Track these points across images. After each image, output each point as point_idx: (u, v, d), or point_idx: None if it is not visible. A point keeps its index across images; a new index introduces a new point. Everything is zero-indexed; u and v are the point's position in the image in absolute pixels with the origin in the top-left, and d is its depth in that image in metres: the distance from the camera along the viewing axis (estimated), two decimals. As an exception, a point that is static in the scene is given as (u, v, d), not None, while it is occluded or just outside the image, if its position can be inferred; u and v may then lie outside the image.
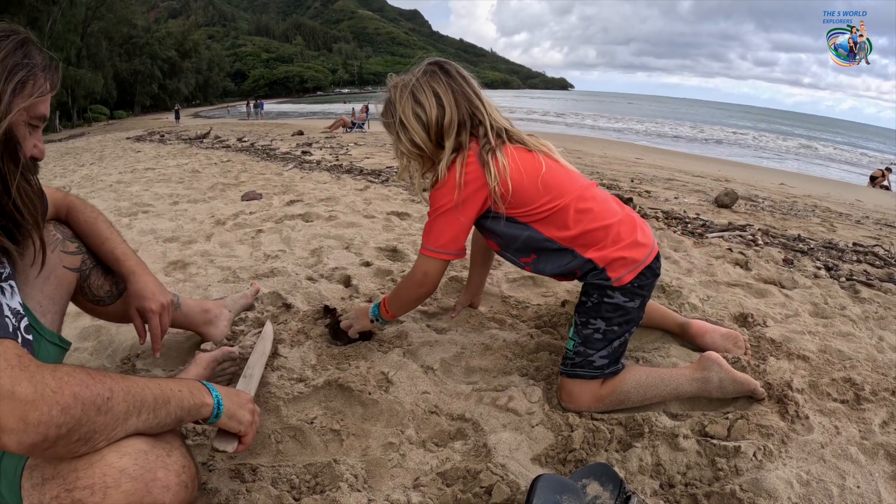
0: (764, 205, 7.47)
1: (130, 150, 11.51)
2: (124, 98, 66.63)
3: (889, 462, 1.78)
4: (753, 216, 6.01)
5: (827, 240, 5.04)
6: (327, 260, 3.31)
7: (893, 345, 2.72)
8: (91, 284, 1.89)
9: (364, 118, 22.44)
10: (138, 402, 1.17)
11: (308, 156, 9.02)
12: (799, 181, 17.03)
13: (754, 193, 9.06)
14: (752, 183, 12.19)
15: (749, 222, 5.39)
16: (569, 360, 1.99)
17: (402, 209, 4.67)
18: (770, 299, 3.14)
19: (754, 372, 2.18)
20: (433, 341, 2.33)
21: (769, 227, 5.28)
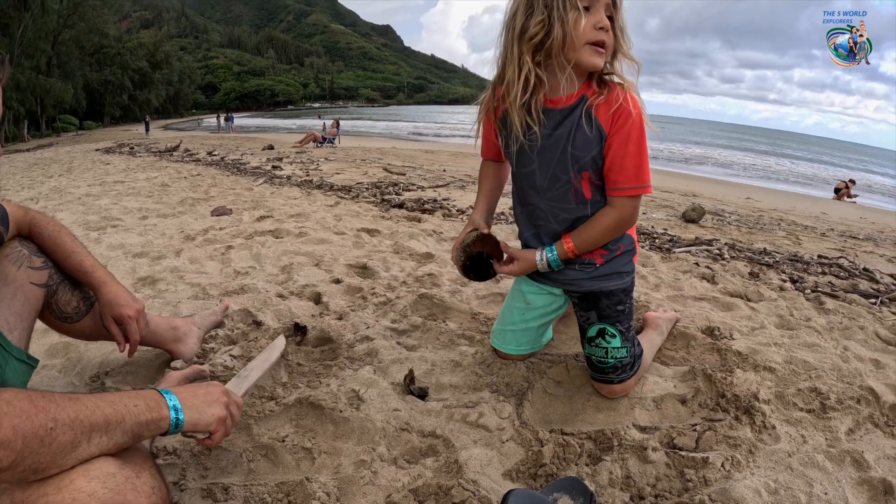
0: (730, 219, 7.56)
1: (100, 162, 11.41)
2: (94, 108, 66.18)
3: (856, 468, 1.81)
4: (720, 230, 6.08)
5: (792, 253, 5.10)
6: (297, 277, 3.30)
7: (858, 354, 2.77)
8: (58, 301, 1.89)
9: (335, 133, 22.45)
10: (87, 427, 1.13)
11: (278, 171, 9.01)
12: (765, 195, 17.25)
13: (721, 208, 9.17)
14: (719, 198, 12.34)
15: (716, 237, 5.44)
16: (625, 365, 2.08)
17: (372, 226, 4.68)
18: (736, 312, 3.18)
19: (722, 384, 2.20)
20: (403, 358, 2.33)
21: (735, 241, 5.34)
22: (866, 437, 2.04)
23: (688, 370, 2.33)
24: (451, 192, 7.35)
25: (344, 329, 2.56)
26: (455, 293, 3.08)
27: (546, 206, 2.05)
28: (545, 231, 2.11)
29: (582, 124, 1.89)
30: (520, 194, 2.16)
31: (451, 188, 7.84)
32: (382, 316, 2.75)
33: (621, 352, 2.06)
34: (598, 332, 2.08)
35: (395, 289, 3.12)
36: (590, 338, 2.10)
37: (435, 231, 4.57)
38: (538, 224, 2.12)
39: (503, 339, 2.32)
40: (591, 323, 2.10)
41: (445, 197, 6.82)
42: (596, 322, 2.09)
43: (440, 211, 5.58)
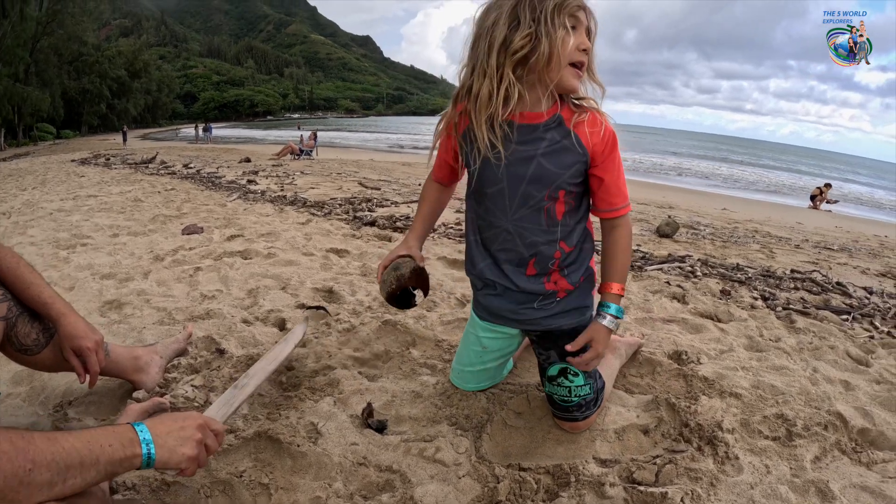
0: (705, 233, 7.59)
1: (74, 174, 11.30)
2: (72, 117, 65.65)
3: (820, 499, 1.80)
4: (694, 245, 6.10)
5: (765, 267, 5.12)
6: (263, 301, 3.27)
7: (828, 376, 2.77)
8: (17, 333, 1.87)
9: (312, 145, 22.39)
10: (63, 468, 1.17)
11: (253, 185, 8.96)
12: (741, 205, 17.39)
13: (696, 220, 9.21)
14: (695, 209, 12.41)
15: (689, 252, 5.46)
16: (589, 402, 2.06)
17: (342, 245, 4.65)
18: (705, 335, 3.17)
19: (685, 413, 2.19)
20: (364, 389, 2.31)
21: (709, 257, 5.35)
22: (832, 465, 2.03)
23: (651, 399, 2.32)
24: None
25: (306, 358, 2.53)
26: (420, 319, 3.06)
27: (514, 228, 1.98)
28: (507, 258, 2.03)
29: (562, 141, 1.86)
30: (480, 218, 2.04)
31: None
32: (345, 344, 2.72)
33: (584, 389, 2.03)
34: (559, 371, 2.04)
35: (360, 314, 3.09)
36: (551, 377, 2.06)
37: (404, 252, 4.51)
38: (501, 250, 2.03)
39: (463, 379, 2.30)
40: (551, 362, 2.06)
41: (419, 213, 6.74)
42: (557, 361, 2.05)
43: (411, 229, 5.53)
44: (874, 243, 10.03)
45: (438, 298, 3.42)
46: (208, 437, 1.48)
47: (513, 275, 2.02)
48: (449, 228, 5.76)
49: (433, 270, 4.06)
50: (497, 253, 2.04)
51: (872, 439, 2.24)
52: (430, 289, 2.16)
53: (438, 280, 3.83)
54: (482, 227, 2.05)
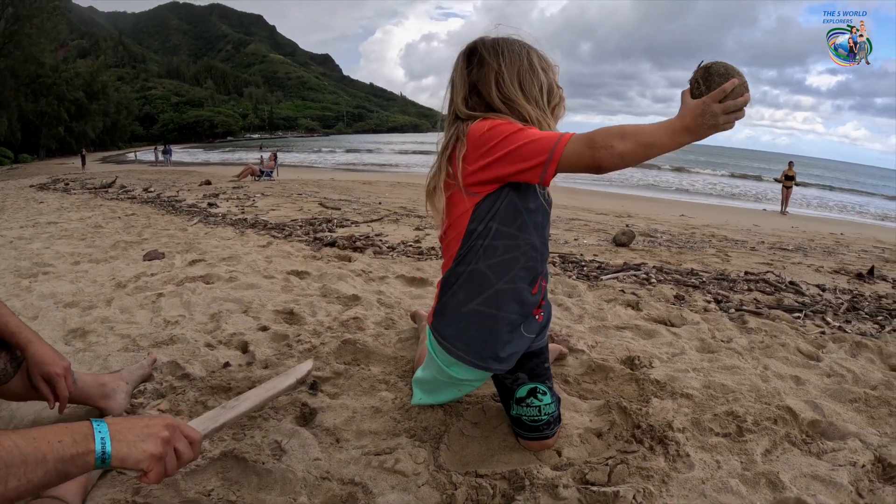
0: (662, 240, 7.69)
1: (33, 200, 11.14)
2: (29, 141, 64.30)
3: (771, 490, 1.86)
4: (650, 253, 6.18)
5: (720, 271, 5.21)
6: (226, 325, 3.28)
7: (778, 373, 2.84)
8: None
9: (273, 166, 22.21)
10: (2, 467, 1.07)
11: (214, 208, 8.93)
12: (699, 211, 17.59)
13: (654, 228, 9.30)
14: (653, 217, 12.53)
15: (645, 260, 5.53)
16: (556, 418, 2.12)
17: (302, 267, 4.67)
18: (658, 339, 3.25)
19: (637, 415, 2.26)
20: (325, 406, 2.35)
21: (664, 264, 5.42)
22: (783, 457, 2.09)
23: (603, 404, 2.38)
24: (385, 227, 7.37)
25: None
26: (378, 337, 3.10)
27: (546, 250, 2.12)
28: (541, 290, 2.12)
29: None
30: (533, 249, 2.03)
31: (384, 222, 7.85)
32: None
33: (552, 407, 2.08)
34: (528, 392, 2.09)
35: (321, 334, 3.13)
36: (519, 398, 2.09)
37: (364, 271, 4.58)
38: (543, 273, 2.12)
39: (435, 400, 2.32)
40: (520, 384, 2.11)
41: (378, 232, 6.84)
42: (527, 382, 2.10)
43: (371, 248, 5.59)
44: (829, 241, 10.23)
45: (396, 316, 3.46)
46: (178, 440, 1.38)
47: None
48: (408, 246, 5.82)
49: (391, 289, 4.11)
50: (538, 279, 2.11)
51: (822, 430, 2.31)
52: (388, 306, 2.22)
53: (397, 298, 3.86)
54: (525, 266, 2.03)
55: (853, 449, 2.14)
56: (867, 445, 2.17)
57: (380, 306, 3.63)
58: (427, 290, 4.15)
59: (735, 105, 1.64)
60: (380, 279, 4.37)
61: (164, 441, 1.34)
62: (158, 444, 1.32)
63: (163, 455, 1.32)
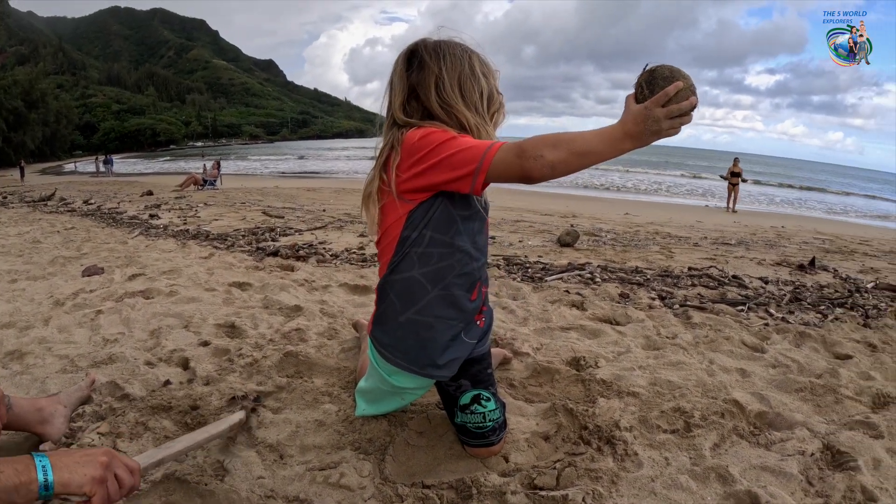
0: (606, 239, 7.75)
1: (-32, 215, 10.86)
2: (-35, 153, 62.93)
3: (721, 484, 1.87)
4: (595, 252, 6.22)
5: (664, 268, 5.26)
6: (166, 341, 3.20)
7: (724, 366, 2.88)
8: None
9: (216, 175, 21.94)
10: None
11: (155, 219, 8.75)
12: (643, 209, 17.81)
13: (599, 227, 9.38)
14: (598, 216, 12.65)
15: (589, 260, 5.56)
16: (502, 424, 2.10)
17: (244, 279, 4.59)
18: (603, 339, 3.26)
19: (583, 416, 2.25)
20: (268, 422, 2.30)
21: (609, 262, 5.46)
22: (732, 450, 2.10)
23: (549, 406, 2.38)
24: (329, 234, 7.30)
25: (210, 395, 2.50)
26: (321, 348, 3.05)
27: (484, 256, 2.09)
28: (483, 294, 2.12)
29: None
30: (461, 263, 1.98)
31: (328, 230, 7.78)
32: (248, 378, 2.70)
33: (497, 413, 2.07)
34: (472, 398, 2.07)
35: (263, 347, 3.07)
36: (463, 405, 2.07)
37: (307, 280, 4.52)
38: (482, 279, 2.09)
39: (378, 410, 2.29)
40: (463, 391, 2.09)
41: (322, 240, 6.77)
42: (470, 389, 2.08)
43: (314, 257, 5.52)
44: (771, 235, 10.41)
45: (339, 325, 3.42)
46: (118, 466, 1.41)
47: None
48: (351, 254, 5.77)
49: (334, 298, 4.07)
50: (480, 287, 2.09)
51: (770, 421, 2.34)
52: (331, 316, 2.18)
53: (340, 307, 3.82)
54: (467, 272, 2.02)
55: (801, 438, 2.16)
56: (815, 434, 2.20)
57: (322, 316, 3.58)
58: (370, 297, 4.09)
59: (679, 109, 1.59)
60: (323, 288, 4.32)
61: (103, 465, 1.36)
62: (98, 467, 1.35)
63: (104, 479, 1.35)
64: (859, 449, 2.08)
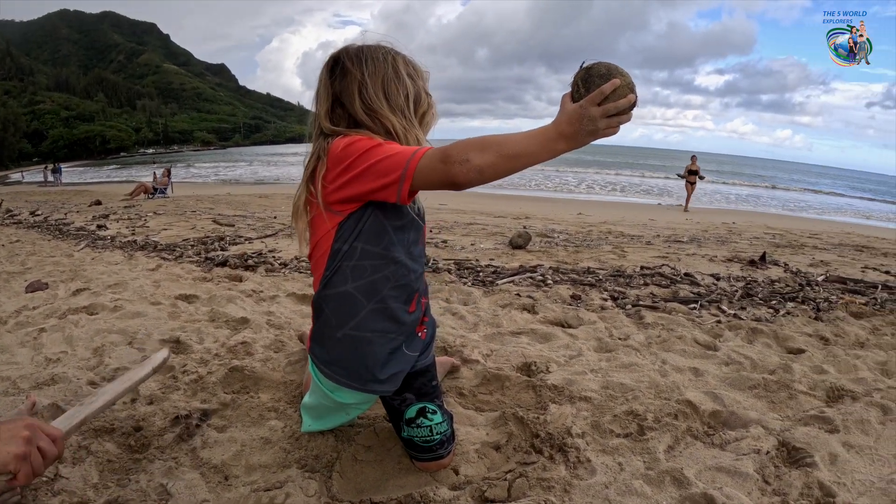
0: (559, 239, 7.78)
1: None
2: None
3: (676, 487, 1.86)
4: (547, 253, 6.24)
5: (616, 267, 5.29)
6: (109, 360, 3.10)
7: (676, 366, 2.89)
8: None
9: (167, 183, 21.62)
10: None
11: (103, 230, 8.55)
12: (596, 209, 17.96)
13: (551, 228, 9.42)
14: (550, 217, 12.72)
15: (541, 261, 5.57)
16: (450, 436, 2.06)
17: (191, 291, 4.48)
18: (554, 342, 3.25)
19: (534, 424, 2.23)
20: (213, 442, 2.23)
21: (561, 264, 5.47)
22: (686, 452, 2.11)
23: (499, 415, 2.35)
24: (279, 242, 7.20)
25: (154, 416, 2.43)
26: (267, 361, 2.99)
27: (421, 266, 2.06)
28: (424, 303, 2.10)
29: None
30: (396, 275, 1.94)
31: (279, 237, 7.68)
32: (192, 396, 2.63)
33: (444, 425, 2.03)
34: (418, 412, 2.03)
35: (208, 363, 2.99)
36: (409, 419, 2.03)
37: (254, 291, 4.45)
38: (420, 290, 2.06)
39: (324, 426, 2.25)
40: (408, 404, 2.05)
41: (272, 248, 6.67)
42: (415, 402, 2.04)
43: (263, 266, 5.44)
44: (723, 231, 10.56)
45: (286, 337, 3.35)
46: (40, 438, 1.38)
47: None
48: (300, 262, 5.68)
49: (281, 308, 4.00)
50: (416, 297, 2.06)
51: (724, 420, 2.35)
52: (278, 327, 2.13)
53: (287, 318, 3.75)
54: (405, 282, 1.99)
55: (756, 436, 2.18)
56: (770, 431, 2.22)
57: (269, 328, 3.51)
58: (318, 307, 4.01)
59: (616, 108, 1.53)
60: (270, 299, 4.25)
61: (25, 440, 1.34)
62: (21, 444, 1.33)
63: (27, 454, 1.33)
64: (815, 444, 2.10)
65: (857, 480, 1.92)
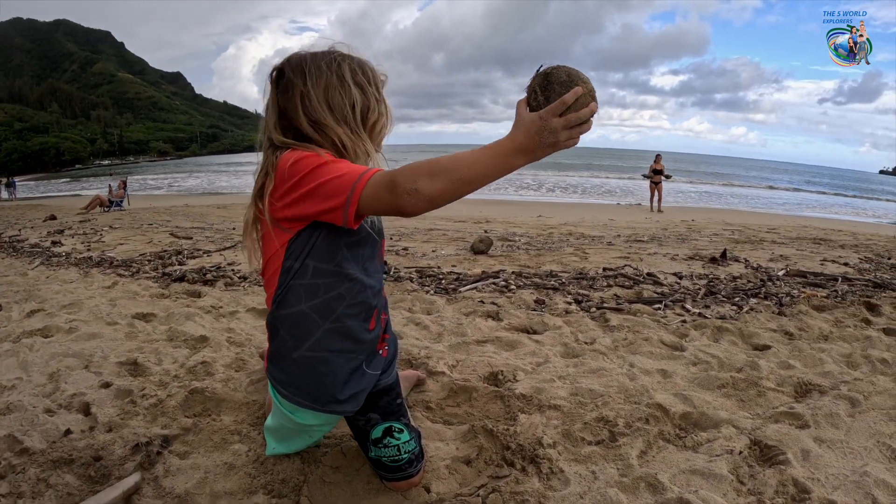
0: (520, 243, 7.79)
1: None
2: None
3: (651, 493, 1.85)
4: (509, 258, 6.24)
5: (579, 269, 5.28)
6: (65, 385, 2.99)
7: (644, 368, 2.89)
8: None
9: (122, 195, 21.29)
10: None
11: (58, 246, 8.33)
12: (557, 210, 18.04)
13: (512, 232, 9.44)
14: (511, 220, 12.75)
15: (504, 266, 5.56)
16: (418, 455, 2.02)
17: (148, 309, 4.37)
18: (520, 349, 3.22)
19: (504, 436, 2.20)
20: (175, 469, 2.16)
21: (523, 268, 5.46)
22: (659, 457, 2.10)
23: (468, 429, 2.31)
24: (238, 254, 7.08)
25: (113, 444, 2.35)
26: (228, 381, 2.91)
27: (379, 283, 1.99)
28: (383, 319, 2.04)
29: None
30: (351, 292, 1.87)
31: (238, 249, 7.56)
32: (152, 421, 2.55)
33: (411, 444, 1.99)
34: (384, 431, 1.99)
35: (167, 385, 2.90)
36: (375, 440, 1.99)
37: (213, 307, 4.35)
38: (379, 306, 1.99)
39: (288, 448, 2.19)
40: (374, 424, 2.00)
41: (231, 261, 6.55)
42: (380, 422, 2.00)
43: (222, 280, 5.33)
44: (682, 229, 10.67)
45: (247, 355, 3.27)
46: None
47: None
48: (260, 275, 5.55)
49: (242, 325, 3.92)
50: (377, 314, 2.00)
51: (695, 421, 2.35)
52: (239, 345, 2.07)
53: (248, 334, 3.68)
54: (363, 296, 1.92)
55: (728, 436, 2.18)
56: (741, 430, 2.22)
57: (230, 346, 3.43)
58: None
59: (578, 118, 1.46)
60: (230, 314, 4.15)
61: None
62: None
63: None
64: (787, 441, 2.11)
65: (830, 475, 1.93)
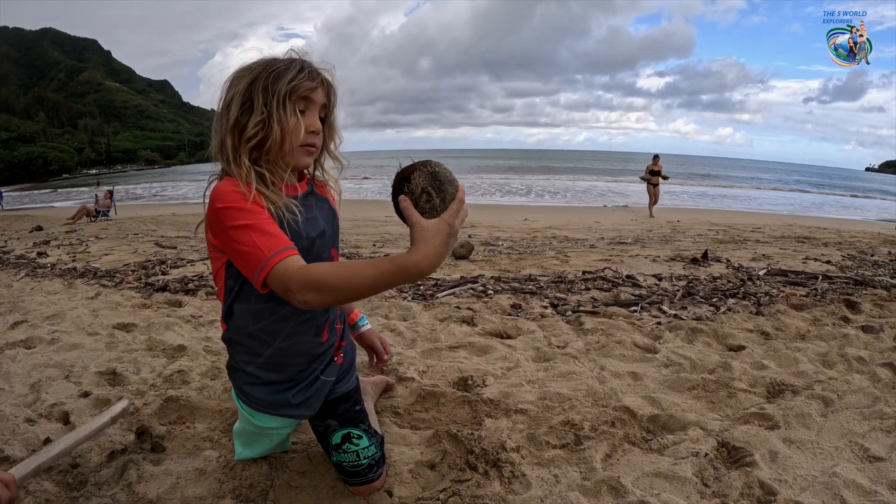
0: (503, 247, 7.78)
1: None
2: None
3: (613, 496, 1.87)
4: (490, 262, 6.24)
5: (558, 273, 5.30)
6: (46, 395, 3.03)
7: (615, 371, 2.90)
8: None
9: (109, 205, 21.17)
10: None
11: (43, 258, 8.32)
12: (542, 214, 17.98)
13: (496, 236, 9.41)
14: (496, 224, 12.70)
15: (483, 271, 5.56)
16: (379, 459, 2.05)
17: (129, 319, 4.40)
18: (492, 355, 3.24)
19: (469, 440, 2.23)
20: (148, 475, 2.21)
21: (503, 272, 5.47)
22: (623, 460, 2.12)
23: (433, 433, 2.35)
24: (221, 264, 7.03)
25: (90, 452, 2.39)
26: (203, 389, 2.95)
27: None
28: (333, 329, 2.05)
29: (325, 206, 1.93)
30: (297, 312, 1.86)
31: (221, 258, 7.51)
32: (129, 429, 2.58)
33: (371, 449, 2.03)
34: (343, 437, 2.03)
35: (144, 394, 2.95)
36: (335, 445, 2.03)
37: (193, 316, 4.37)
38: (326, 320, 2.00)
39: (254, 453, 2.24)
40: (333, 431, 2.05)
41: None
42: (339, 429, 2.04)
43: (204, 289, 5.35)
44: (667, 230, 10.69)
45: (222, 364, 3.28)
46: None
47: None
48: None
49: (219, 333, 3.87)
50: (323, 325, 2.01)
51: (663, 424, 2.37)
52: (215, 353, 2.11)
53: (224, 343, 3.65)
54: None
55: (694, 438, 2.21)
56: (708, 432, 2.25)
57: (206, 354, 3.47)
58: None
59: (465, 212, 1.50)
60: (209, 323, 4.18)
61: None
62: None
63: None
64: (755, 443, 2.13)
65: (798, 476, 1.95)
